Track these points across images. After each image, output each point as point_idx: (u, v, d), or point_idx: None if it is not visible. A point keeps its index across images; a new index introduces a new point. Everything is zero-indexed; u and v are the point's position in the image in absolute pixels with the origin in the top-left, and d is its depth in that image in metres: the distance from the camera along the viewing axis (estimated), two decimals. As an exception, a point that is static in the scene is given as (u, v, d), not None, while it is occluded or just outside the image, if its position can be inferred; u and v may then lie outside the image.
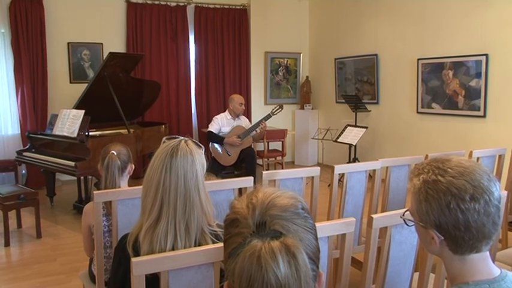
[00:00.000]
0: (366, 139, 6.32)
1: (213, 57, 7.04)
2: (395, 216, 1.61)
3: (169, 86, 6.76)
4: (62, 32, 6.13)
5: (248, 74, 7.38)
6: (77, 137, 4.34)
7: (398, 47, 5.95)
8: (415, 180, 1.06)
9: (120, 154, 2.18)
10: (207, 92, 7.08)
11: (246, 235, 0.74)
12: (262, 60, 7.51)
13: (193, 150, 1.37)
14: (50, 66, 6.04)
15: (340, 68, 7.03)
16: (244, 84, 7.33)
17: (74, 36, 6.20)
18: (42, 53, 5.93)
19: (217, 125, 5.34)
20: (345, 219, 1.55)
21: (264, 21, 7.39)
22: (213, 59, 7.04)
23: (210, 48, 7.00)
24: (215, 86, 7.10)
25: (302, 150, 7.64)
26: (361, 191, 2.82)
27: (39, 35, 5.88)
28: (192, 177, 1.34)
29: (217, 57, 7.07)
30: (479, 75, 4.92)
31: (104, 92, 4.77)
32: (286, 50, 7.63)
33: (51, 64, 6.07)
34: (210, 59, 7.02)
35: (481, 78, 4.90)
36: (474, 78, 4.98)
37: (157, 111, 6.63)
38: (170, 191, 1.32)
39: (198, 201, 1.35)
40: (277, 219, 0.75)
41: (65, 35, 6.16)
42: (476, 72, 4.95)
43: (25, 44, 5.78)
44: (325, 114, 7.59)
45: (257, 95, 7.52)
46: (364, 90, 6.62)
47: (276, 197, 0.78)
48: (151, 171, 1.35)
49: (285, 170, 2.71)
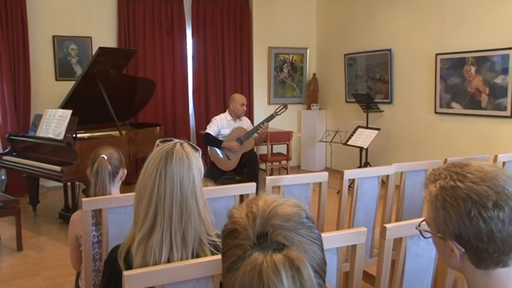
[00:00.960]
0: (379, 142, 6.31)
1: (212, 53, 7.05)
2: (411, 226, 1.61)
3: (165, 84, 6.78)
4: (46, 24, 6.14)
5: (250, 71, 7.39)
6: (64, 140, 4.35)
7: (414, 41, 5.95)
8: (431, 187, 1.05)
9: (111, 158, 2.19)
10: (206, 90, 7.09)
11: (246, 247, 0.74)
12: (266, 56, 7.52)
13: (190, 153, 1.37)
14: (33, 61, 6.04)
15: (351, 65, 7.03)
16: (246, 82, 7.34)
17: (59, 29, 6.21)
18: (24, 47, 5.92)
19: (216, 126, 5.35)
20: (356, 229, 1.55)
21: (268, 14, 7.41)
22: (212, 55, 7.06)
23: (209, 43, 7.02)
24: (214, 84, 7.11)
25: (309, 154, 7.64)
26: (373, 198, 2.81)
27: (20, 27, 5.86)
28: (188, 182, 1.34)
29: (217, 53, 7.09)
30: (505, 71, 4.90)
31: (93, 91, 4.79)
32: (292, 45, 7.64)
33: (35, 60, 6.08)
34: (209, 54, 7.03)
35: (507, 75, 4.88)
36: (500, 74, 4.96)
37: (152, 112, 6.64)
38: (165, 198, 1.32)
39: (196, 209, 1.35)
40: (280, 230, 0.74)
41: (50, 28, 6.17)
42: (502, 68, 4.94)
43: (4, 37, 5.76)
44: (333, 115, 7.58)
45: (260, 94, 7.53)
46: (376, 88, 6.62)
47: (278, 205, 0.78)
48: (144, 177, 1.35)
49: (290, 175, 2.71)
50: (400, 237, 1.66)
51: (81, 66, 6.31)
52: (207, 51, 7.02)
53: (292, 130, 6.62)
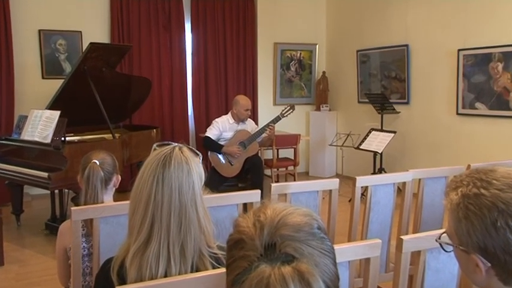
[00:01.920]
0: (394, 146, 6.30)
1: (213, 50, 7.07)
2: (431, 238, 1.60)
3: (162, 83, 6.80)
4: (31, 18, 6.14)
5: (254, 69, 7.41)
6: (51, 143, 4.36)
7: (434, 35, 5.94)
8: (452, 195, 1.05)
9: (104, 163, 2.19)
10: (206, 90, 7.11)
11: (253, 259, 0.74)
12: (271, 52, 7.53)
13: (189, 158, 1.38)
14: (17, 58, 6.05)
15: (364, 62, 7.03)
16: (249, 81, 7.36)
17: (46, 23, 6.23)
18: (6, 42, 5.92)
19: (217, 129, 5.35)
20: (369, 240, 1.55)
21: (274, 7, 7.43)
22: (213, 51, 7.08)
23: (210, 39, 7.04)
24: (215, 84, 7.13)
25: (318, 159, 7.63)
26: (389, 207, 2.81)
27: (2, 20, 5.86)
28: (188, 190, 1.35)
29: (218, 50, 7.11)
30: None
31: (83, 90, 4.81)
32: (300, 41, 7.65)
33: (19, 56, 6.08)
34: (210, 51, 7.05)
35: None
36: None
37: (148, 113, 6.66)
38: (162, 206, 1.32)
39: (196, 218, 1.35)
40: (289, 241, 0.75)
41: (36, 21, 6.17)
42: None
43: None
44: (345, 117, 7.58)
45: (265, 94, 7.54)
46: (392, 87, 6.61)
47: (287, 214, 0.79)
48: (140, 184, 1.36)
49: (297, 182, 2.71)
50: (419, 251, 1.65)
51: (70, 63, 6.34)
52: (208, 47, 7.04)
53: (300, 133, 6.62)
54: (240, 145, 5.34)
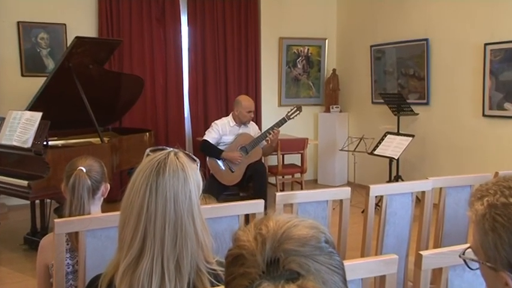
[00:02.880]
0: (412, 151, 6.29)
1: (211, 45, 7.09)
2: (453, 253, 1.60)
3: (155, 81, 6.82)
4: (9, 8, 6.13)
5: (257, 66, 7.42)
6: (32, 148, 4.35)
7: (457, 28, 5.94)
8: (477, 205, 1.04)
9: (91, 171, 2.20)
10: (204, 89, 7.12)
11: (254, 276, 0.74)
12: (276, 48, 7.54)
13: (186, 165, 1.38)
14: (-8, 53, 6.07)
15: (378, 58, 7.04)
16: (252, 79, 7.37)
17: (26, 14, 6.22)
18: (-19, 35, 5.95)
19: (217, 133, 5.36)
20: (385, 256, 1.54)
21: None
22: (212, 46, 7.09)
23: (208, 33, 7.06)
24: (215, 82, 7.14)
25: (327, 166, 7.63)
26: (406, 219, 2.80)
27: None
28: (184, 199, 1.35)
29: (218, 45, 7.12)
30: None
31: (68, 89, 4.81)
32: (307, 35, 7.67)
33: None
34: (208, 46, 7.07)
35: None
36: None
37: (140, 115, 6.67)
38: (156, 218, 1.32)
39: (193, 231, 1.35)
40: (294, 256, 0.75)
41: (14, 12, 6.16)
42: None
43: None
44: (357, 119, 7.58)
45: (269, 94, 7.55)
46: (409, 86, 6.61)
47: (292, 227, 0.79)
48: (131, 193, 1.36)
49: (305, 191, 2.71)
50: (440, 268, 1.65)
51: (53, 59, 6.36)
52: (206, 42, 7.06)
53: (308, 137, 6.62)
54: (241, 150, 5.35)
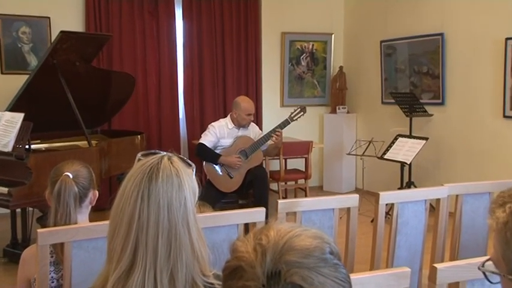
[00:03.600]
0: (426, 155, 6.28)
1: (208, 40, 7.09)
2: (471, 266, 1.59)
3: (148, 80, 6.82)
4: (-14, 0, 6.13)
5: (258, 63, 7.42)
6: (13, 152, 4.35)
7: (476, 21, 5.92)
8: (498, 212, 1.04)
9: (78, 176, 2.19)
10: (201, 88, 7.12)
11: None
12: (278, 44, 7.54)
13: (180, 170, 1.38)
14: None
15: (389, 55, 7.04)
16: (252, 77, 7.37)
17: (6, 6, 6.19)
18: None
19: (214, 136, 5.35)
20: (396, 269, 1.54)
21: (281, -11, 7.47)
22: (209, 42, 7.09)
23: (205, 27, 7.06)
24: (212, 81, 7.14)
25: (334, 171, 7.62)
26: (419, 229, 2.80)
27: None
28: (178, 207, 1.34)
29: (215, 40, 7.12)
30: None
31: (52, 88, 4.81)
32: (312, 30, 7.67)
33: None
34: (205, 42, 7.07)
35: None
36: None
37: (131, 116, 6.68)
38: (148, 227, 1.32)
39: (188, 241, 1.35)
40: (297, 268, 0.75)
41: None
42: None
43: None
44: (366, 120, 7.57)
45: (270, 94, 7.55)
46: (423, 85, 6.61)
47: (294, 237, 0.79)
48: (121, 201, 1.36)
49: (309, 198, 2.71)
50: (457, 282, 1.64)
51: (36, 55, 6.35)
52: (203, 37, 7.05)
53: (312, 140, 6.61)
54: (240, 154, 5.34)
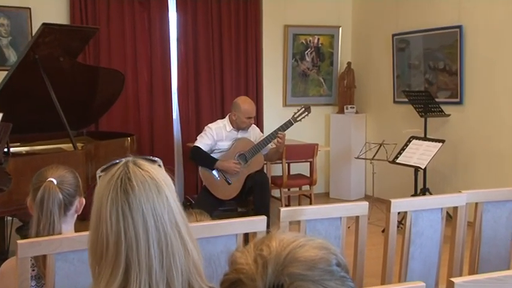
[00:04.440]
0: (442, 159, 6.28)
1: (205, 34, 7.09)
2: (493, 281, 1.59)
3: (138, 77, 6.82)
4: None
5: (258, 59, 7.42)
6: (-9, 156, 4.36)
7: (497, 12, 5.92)
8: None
9: (63, 182, 2.19)
10: (196, 86, 7.11)
11: (254, 305, 0.74)
12: (281, 38, 7.55)
13: (152, 171, 1.39)
14: None
15: (402, 49, 7.04)
16: (252, 75, 7.37)
17: (-19, -3, 6.22)
18: None
19: (210, 138, 5.34)
20: (409, 283, 1.54)
21: (283, -22, 7.48)
22: (205, 36, 7.09)
23: (201, 20, 7.06)
24: (209, 78, 7.13)
25: (341, 176, 7.62)
26: (435, 240, 2.80)
27: None
28: (163, 209, 1.35)
29: (212, 34, 7.12)
30: None
31: (34, 85, 4.81)
32: (318, 23, 7.67)
33: None
34: (201, 36, 7.07)
35: None
36: None
37: (120, 116, 6.68)
38: (138, 242, 1.32)
39: (180, 244, 1.36)
40: (301, 281, 0.75)
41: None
42: None
43: None
44: (377, 121, 7.58)
45: (272, 92, 7.56)
46: (439, 82, 6.61)
47: (298, 247, 0.79)
48: (100, 226, 1.34)
49: (314, 206, 2.71)
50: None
51: (15, 50, 6.36)
52: (198, 31, 7.06)
53: (318, 142, 6.61)
54: (239, 158, 5.34)
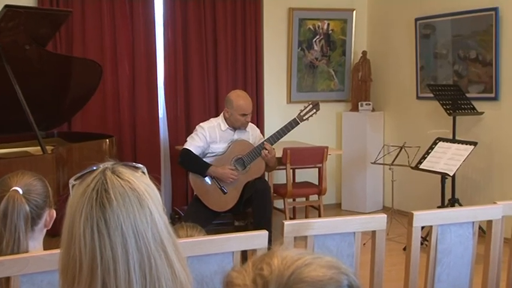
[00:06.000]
0: (475, 164, 6.29)
1: (196, 19, 7.08)
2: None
3: (118, 69, 6.81)
4: None
5: (259, 48, 7.43)
6: None
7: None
8: None
9: (30, 192, 2.19)
10: (186, 80, 7.11)
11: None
12: (285, 23, 7.56)
13: (134, 180, 1.38)
14: None
15: (426, 36, 7.04)
16: (251, 66, 7.38)
17: None
18: None
19: (202, 140, 5.34)
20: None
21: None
22: (197, 22, 7.09)
23: (192, 3, 7.07)
24: (201, 71, 7.13)
25: (355, 185, 7.63)
26: (466, 259, 2.80)
27: None
28: (147, 226, 1.34)
29: (204, 19, 7.12)
30: None
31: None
32: (328, 5, 7.69)
33: None
34: (192, 21, 7.06)
35: None
36: None
37: (97, 115, 6.68)
38: (116, 265, 1.31)
39: (166, 266, 1.35)
40: (306, 305, 0.75)
41: None
42: None
43: None
44: (397, 120, 7.58)
45: (274, 86, 7.57)
46: (470, 75, 6.60)
47: (303, 266, 0.80)
48: (72, 246, 1.34)
49: (324, 219, 2.71)
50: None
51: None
52: (188, 16, 7.05)
53: (328, 145, 6.61)
54: (236, 163, 5.34)
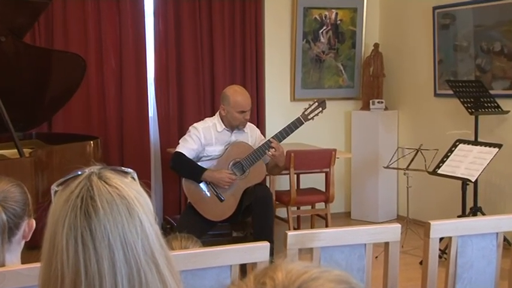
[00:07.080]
0: (499, 169, 6.29)
1: (190, 9, 7.09)
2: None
3: (104, 63, 6.83)
4: None
5: (259, 40, 7.45)
6: None
7: None
8: None
9: (7, 199, 2.19)
10: (179, 76, 7.12)
11: None
12: (288, 13, 7.57)
13: (122, 187, 1.38)
14: None
15: (445, 27, 7.04)
16: (251, 60, 7.40)
17: None
18: None
19: (196, 142, 5.34)
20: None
21: None
22: (190, 11, 7.10)
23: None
24: (195, 66, 7.15)
25: (366, 192, 7.64)
26: (489, 274, 2.81)
27: None
28: (136, 238, 1.34)
29: (199, 9, 7.13)
30: None
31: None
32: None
33: None
34: (185, 10, 7.07)
35: None
36: None
37: (80, 114, 6.70)
38: (102, 280, 1.31)
39: (158, 281, 1.36)
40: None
41: None
42: None
43: None
44: (412, 120, 7.59)
45: (276, 83, 7.58)
46: (494, 69, 6.60)
47: (310, 281, 0.80)
48: (54, 258, 1.33)
49: (331, 229, 2.72)
50: None
51: None
52: (181, 5, 7.06)
53: (336, 148, 6.61)
54: (234, 168, 5.35)
